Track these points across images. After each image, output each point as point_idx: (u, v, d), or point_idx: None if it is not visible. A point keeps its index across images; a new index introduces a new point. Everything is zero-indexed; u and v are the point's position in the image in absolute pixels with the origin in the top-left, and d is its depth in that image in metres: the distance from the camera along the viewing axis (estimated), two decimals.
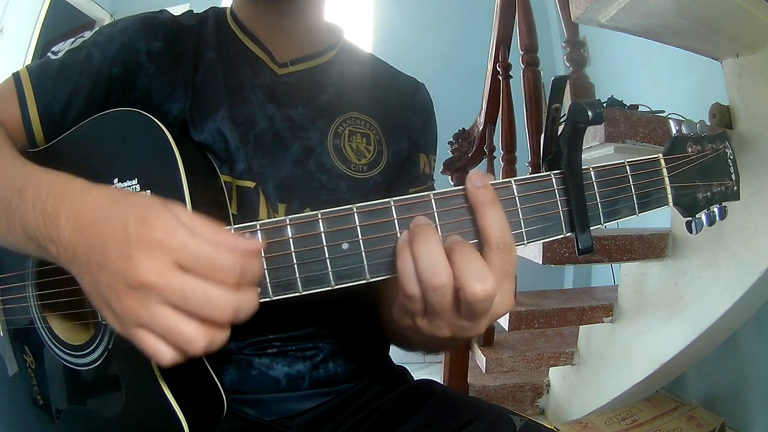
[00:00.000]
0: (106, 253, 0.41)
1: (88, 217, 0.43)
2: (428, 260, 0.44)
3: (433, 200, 0.47)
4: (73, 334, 0.65)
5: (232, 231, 0.48)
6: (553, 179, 0.49)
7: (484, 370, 2.02)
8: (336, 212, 0.47)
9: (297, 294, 0.47)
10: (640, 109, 1.73)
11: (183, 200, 0.55)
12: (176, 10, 0.78)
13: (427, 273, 0.44)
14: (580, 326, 1.96)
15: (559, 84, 0.47)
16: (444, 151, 2.33)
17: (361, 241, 0.46)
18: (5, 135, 0.63)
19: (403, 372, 0.83)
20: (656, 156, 0.53)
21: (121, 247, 0.40)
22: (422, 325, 0.49)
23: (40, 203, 0.47)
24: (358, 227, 0.46)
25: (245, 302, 0.42)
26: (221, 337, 0.43)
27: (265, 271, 0.46)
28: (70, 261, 0.45)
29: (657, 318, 1.69)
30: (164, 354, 0.42)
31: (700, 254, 1.57)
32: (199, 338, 0.41)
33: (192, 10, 0.79)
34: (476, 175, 0.47)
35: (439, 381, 0.91)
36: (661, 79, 2.49)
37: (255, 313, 0.44)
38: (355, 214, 0.46)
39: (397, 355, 0.83)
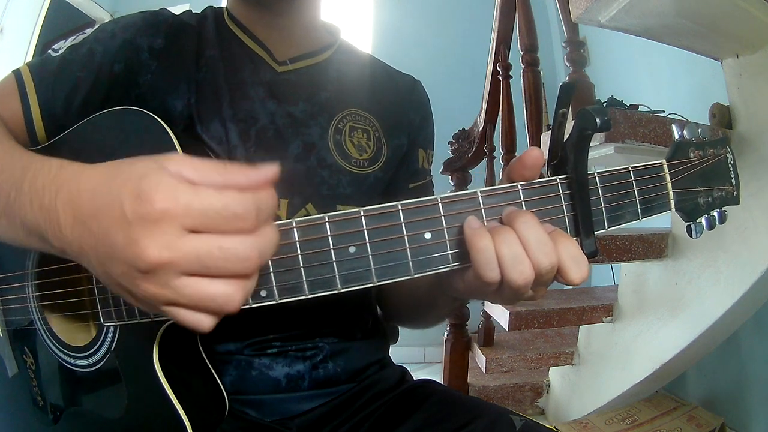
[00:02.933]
0: (112, 243, 0.38)
1: (87, 208, 0.40)
2: (513, 258, 0.45)
3: (440, 204, 0.47)
4: (74, 335, 0.65)
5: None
6: (559, 184, 0.50)
7: (484, 370, 2.02)
8: (343, 215, 0.46)
9: (303, 297, 0.47)
10: (640, 109, 1.73)
11: None
12: (176, 10, 0.78)
13: (512, 271, 0.45)
14: (580, 326, 1.96)
15: (566, 90, 0.47)
16: (444, 151, 2.33)
17: (368, 244, 0.46)
18: (3, 126, 0.62)
19: (403, 372, 0.84)
20: (659, 162, 0.53)
21: (125, 233, 0.37)
22: (490, 297, 0.50)
23: (37, 198, 0.44)
24: (366, 230, 0.46)
25: (267, 242, 0.39)
26: (253, 284, 0.40)
27: (272, 274, 0.46)
28: (78, 256, 0.43)
29: (657, 318, 1.69)
30: (203, 322, 0.40)
31: (700, 254, 1.58)
32: (232, 296, 0.39)
33: (191, 10, 0.79)
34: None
35: (439, 381, 0.91)
36: (661, 79, 2.50)
37: (255, 313, 0.43)
38: (362, 217, 0.46)
39: (397, 355, 0.83)
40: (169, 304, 0.39)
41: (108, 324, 0.57)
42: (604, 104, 1.75)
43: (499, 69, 2.06)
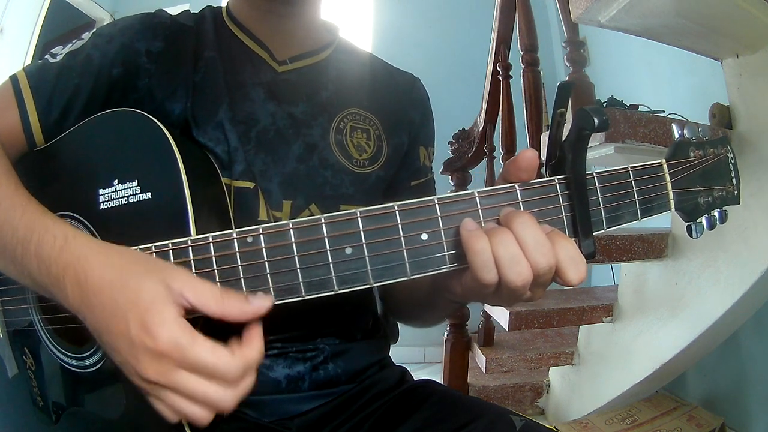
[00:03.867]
0: (118, 347, 0.45)
1: (93, 299, 0.46)
2: (510, 259, 0.45)
3: (437, 205, 0.47)
4: (74, 336, 0.64)
5: (234, 235, 0.48)
6: (557, 184, 0.49)
7: (484, 370, 2.02)
8: (339, 216, 0.46)
9: (300, 298, 0.47)
10: (640, 109, 1.73)
11: (184, 203, 0.55)
12: (176, 10, 0.78)
13: (510, 272, 0.45)
14: (580, 326, 1.96)
15: (564, 89, 0.47)
16: (444, 151, 2.33)
17: (364, 245, 0.46)
18: (2, 155, 0.62)
19: (402, 372, 0.83)
20: (659, 161, 0.53)
21: (129, 349, 0.44)
22: (488, 299, 0.51)
23: (45, 266, 0.49)
24: (362, 232, 0.46)
25: (244, 390, 0.46)
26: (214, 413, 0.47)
27: (268, 275, 0.46)
28: (84, 321, 0.48)
29: (657, 318, 1.69)
30: (198, 417, 0.46)
31: (700, 254, 1.58)
32: (198, 415, 0.46)
33: (189, 10, 0.78)
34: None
35: (439, 381, 0.91)
36: (661, 79, 2.49)
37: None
38: (359, 218, 0.46)
39: (397, 355, 0.83)
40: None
41: None
42: (604, 104, 1.75)
43: (499, 69, 2.06)
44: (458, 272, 0.50)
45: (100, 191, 0.58)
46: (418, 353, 3.15)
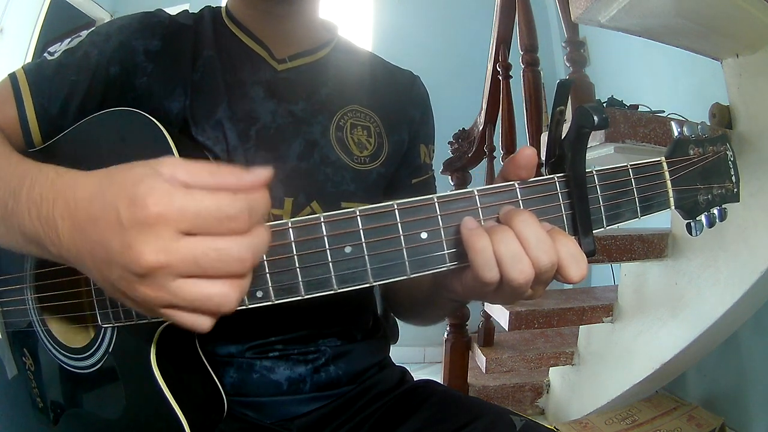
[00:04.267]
0: (109, 248, 0.39)
1: (83, 215, 0.41)
2: (512, 257, 0.45)
3: (436, 203, 0.47)
4: (73, 337, 0.65)
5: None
6: (557, 182, 0.49)
7: (484, 370, 2.02)
8: (338, 215, 0.46)
9: (299, 298, 0.47)
10: (640, 109, 1.73)
11: None
12: (175, 10, 0.78)
13: (512, 270, 0.45)
14: (580, 326, 1.96)
15: (564, 87, 0.47)
16: (444, 151, 2.33)
17: (364, 244, 0.46)
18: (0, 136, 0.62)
19: (403, 372, 0.83)
20: (659, 159, 0.53)
21: (120, 238, 0.38)
22: (489, 297, 0.50)
23: (35, 207, 0.45)
24: (361, 230, 0.46)
25: (260, 242, 0.40)
26: (248, 283, 0.41)
27: (267, 274, 0.46)
28: (76, 261, 0.43)
29: (657, 318, 1.69)
30: (201, 323, 0.41)
31: (700, 254, 1.58)
32: (228, 295, 0.39)
33: (188, 10, 0.79)
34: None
35: (439, 381, 0.91)
36: (661, 79, 2.49)
37: (257, 316, 0.44)
38: (358, 217, 0.46)
39: (397, 355, 0.83)
40: (166, 307, 0.40)
41: (106, 325, 0.57)
42: (604, 104, 1.75)
43: (499, 69, 2.06)
44: (458, 271, 0.49)
45: None
46: (418, 353, 3.15)
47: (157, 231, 0.37)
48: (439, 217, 0.47)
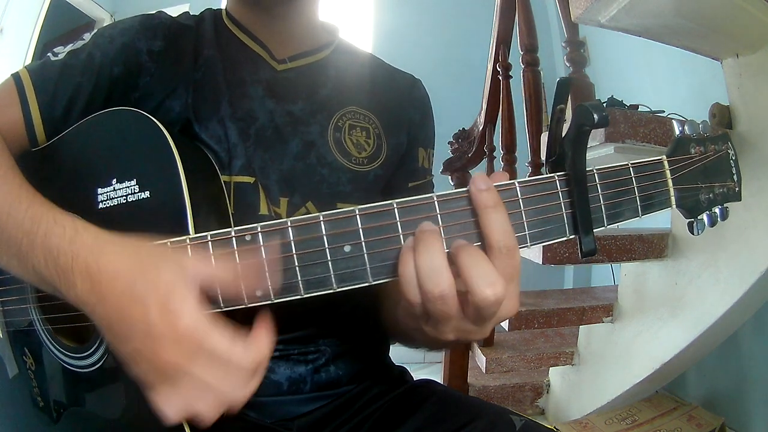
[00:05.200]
0: (130, 334, 0.44)
1: (107, 289, 0.45)
2: (430, 268, 0.44)
3: (436, 202, 0.47)
4: (73, 336, 0.64)
5: (233, 233, 0.48)
6: (557, 181, 0.49)
7: (484, 370, 2.01)
8: (338, 214, 0.46)
9: (299, 297, 0.47)
10: (640, 109, 1.74)
11: (182, 202, 0.55)
12: (176, 11, 0.78)
13: (428, 282, 0.44)
14: (580, 326, 1.96)
15: (563, 86, 0.47)
16: (444, 151, 2.33)
17: (363, 243, 0.46)
18: (6, 151, 0.62)
19: (402, 372, 0.83)
20: (660, 158, 0.53)
21: (146, 333, 0.43)
22: (427, 329, 0.49)
23: (52, 258, 0.47)
24: (361, 230, 0.46)
25: (255, 384, 0.47)
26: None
27: (267, 274, 0.46)
28: (90, 315, 0.47)
29: (657, 318, 1.69)
30: (206, 412, 0.46)
31: (700, 254, 1.58)
32: (207, 411, 0.46)
33: (188, 12, 0.79)
34: (479, 178, 0.46)
35: (439, 381, 0.91)
36: (661, 79, 2.50)
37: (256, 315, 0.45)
38: (357, 216, 0.46)
39: (397, 355, 0.83)
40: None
41: None
42: (604, 104, 1.75)
43: (499, 69, 2.06)
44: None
45: (99, 190, 0.58)
46: (418, 353, 3.10)
47: (180, 343, 0.43)
48: (438, 215, 0.47)
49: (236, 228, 0.48)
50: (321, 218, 0.46)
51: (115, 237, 0.48)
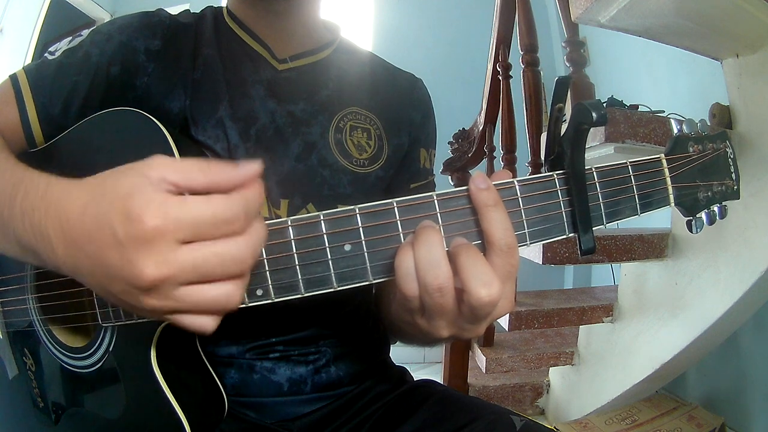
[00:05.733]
0: (109, 265, 0.39)
1: (77, 231, 0.40)
2: (429, 260, 0.44)
3: (436, 201, 0.47)
4: (73, 336, 0.65)
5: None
6: (556, 180, 0.49)
7: (484, 370, 2.01)
8: (338, 213, 0.46)
9: (299, 296, 0.47)
10: (640, 109, 1.74)
11: None
12: (176, 10, 0.78)
13: (428, 274, 0.44)
14: (580, 326, 1.96)
15: (562, 84, 0.47)
16: (444, 151, 2.33)
17: (363, 242, 0.46)
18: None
19: (403, 372, 0.83)
20: (658, 156, 0.53)
21: (120, 255, 0.38)
22: (421, 323, 0.49)
23: (28, 218, 0.45)
24: (361, 228, 0.46)
25: (258, 240, 0.41)
26: (248, 279, 0.42)
27: (267, 272, 0.46)
28: (73, 273, 0.43)
29: (657, 318, 1.69)
30: (207, 324, 0.41)
31: (700, 254, 1.57)
32: (232, 294, 0.40)
33: (189, 10, 0.79)
34: (479, 177, 0.46)
35: (439, 381, 0.91)
36: (661, 79, 2.50)
37: (258, 317, 0.44)
38: (358, 215, 0.46)
39: (397, 355, 0.83)
40: (172, 313, 0.40)
41: (106, 324, 0.57)
42: (604, 104, 1.75)
43: (499, 69, 2.05)
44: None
45: None
46: (418, 353, 3.14)
47: (156, 245, 0.37)
48: (438, 214, 0.47)
49: None
50: (321, 217, 0.46)
51: (82, 179, 0.43)
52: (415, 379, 0.83)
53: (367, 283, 0.47)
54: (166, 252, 0.37)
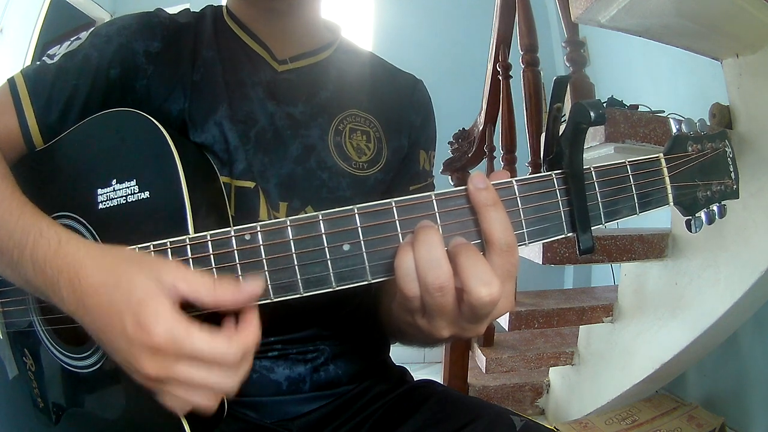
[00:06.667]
0: (115, 342, 0.46)
1: (89, 301, 0.47)
2: (429, 260, 0.44)
3: (434, 201, 0.47)
4: (73, 337, 0.64)
5: (232, 233, 0.48)
6: (555, 179, 0.49)
7: (484, 370, 2.01)
8: (337, 213, 0.46)
9: (298, 296, 0.47)
10: (640, 109, 1.73)
11: (182, 202, 0.55)
12: (175, 9, 0.77)
13: (428, 274, 0.44)
14: (580, 326, 1.96)
15: (560, 84, 0.47)
16: (444, 151, 2.32)
17: (362, 242, 0.46)
18: (0, 160, 0.62)
19: (402, 372, 0.83)
20: (657, 155, 0.53)
21: (127, 345, 0.45)
22: (422, 323, 0.49)
23: (39, 269, 0.49)
24: (359, 228, 0.46)
25: (245, 370, 0.48)
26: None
27: (266, 272, 0.46)
28: (81, 323, 0.49)
29: (657, 318, 1.69)
30: (204, 404, 0.47)
31: (700, 254, 1.57)
32: (213, 401, 0.47)
33: (189, 9, 0.78)
34: (478, 177, 0.47)
35: (439, 381, 0.91)
36: (661, 79, 2.49)
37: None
38: (356, 215, 0.46)
39: (397, 355, 0.83)
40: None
41: None
42: (604, 104, 1.75)
43: (499, 69, 2.05)
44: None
45: (99, 191, 0.58)
46: (418, 353, 3.13)
47: (158, 354, 0.44)
48: (437, 214, 0.47)
49: (235, 228, 0.48)
50: (320, 217, 0.46)
51: (95, 248, 0.50)
52: (415, 379, 0.83)
53: (365, 282, 0.47)
54: (164, 361, 0.44)
